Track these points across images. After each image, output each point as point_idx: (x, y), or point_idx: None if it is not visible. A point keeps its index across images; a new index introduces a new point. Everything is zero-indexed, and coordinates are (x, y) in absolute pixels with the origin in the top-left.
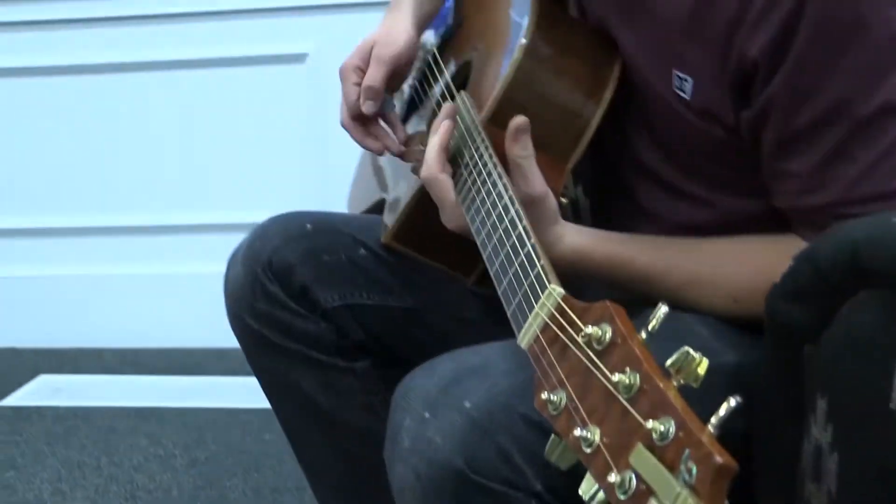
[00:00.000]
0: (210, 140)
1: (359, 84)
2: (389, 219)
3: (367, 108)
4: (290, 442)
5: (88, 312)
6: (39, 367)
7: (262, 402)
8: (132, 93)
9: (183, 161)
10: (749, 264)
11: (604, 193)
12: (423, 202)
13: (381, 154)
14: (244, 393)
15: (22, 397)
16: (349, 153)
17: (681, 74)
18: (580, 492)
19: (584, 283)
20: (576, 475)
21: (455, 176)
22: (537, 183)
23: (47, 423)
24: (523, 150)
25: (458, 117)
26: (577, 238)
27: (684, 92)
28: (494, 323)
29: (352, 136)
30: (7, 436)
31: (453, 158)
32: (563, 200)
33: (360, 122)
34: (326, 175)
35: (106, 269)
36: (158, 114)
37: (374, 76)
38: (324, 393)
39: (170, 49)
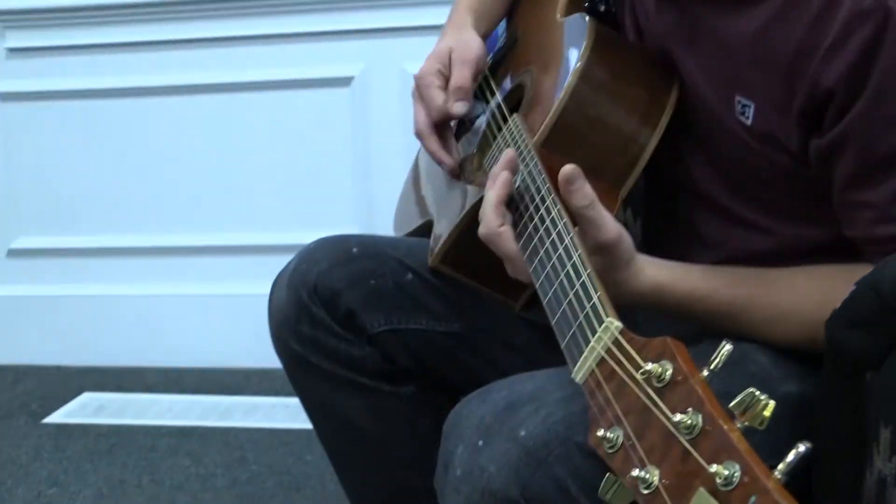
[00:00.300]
0: (255, 162)
1: (443, 88)
2: (437, 241)
3: (459, 108)
4: (334, 465)
5: (132, 332)
6: (84, 385)
7: (304, 422)
8: (178, 115)
9: (228, 182)
10: (829, 298)
11: (658, 220)
12: (471, 226)
13: (449, 169)
14: (286, 413)
15: (66, 414)
16: (393, 176)
17: (743, 100)
18: None
19: (634, 314)
20: None
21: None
22: (610, 227)
23: (90, 440)
24: (584, 200)
25: (511, 141)
26: (656, 271)
27: (746, 117)
28: (544, 349)
29: (426, 145)
30: (51, 453)
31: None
32: None
33: (437, 132)
34: (371, 198)
35: (151, 288)
36: (205, 136)
37: (464, 76)
38: (368, 418)
39: (217, 72)
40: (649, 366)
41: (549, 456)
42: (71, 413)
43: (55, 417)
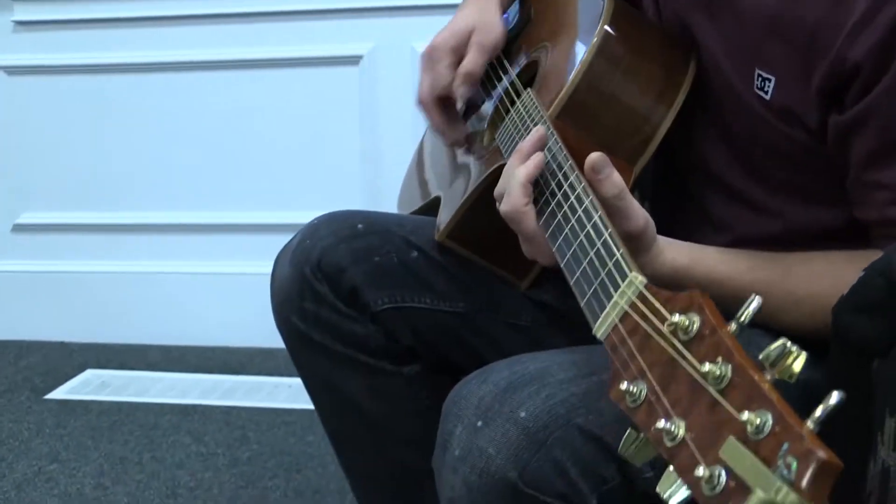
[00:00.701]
0: (262, 140)
1: (453, 67)
2: (444, 217)
3: (463, 92)
4: (333, 444)
5: (136, 309)
6: (87, 362)
7: (306, 403)
8: (185, 92)
9: (233, 160)
10: (844, 283)
11: (668, 202)
12: (481, 200)
13: (451, 142)
14: (288, 393)
15: (68, 391)
16: (401, 156)
17: (763, 73)
18: (658, 490)
19: None
20: (635, 494)
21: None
22: (639, 216)
23: (92, 417)
24: (613, 189)
25: (527, 117)
26: (675, 255)
27: (765, 91)
28: (548, 330)
29: (430, 116)
30: (52, 428)
31: None
32: None
33: (441, 106)
34: (377, 178)
35: (154, 266)
36: (212, 112)
37: (476, 62)
38: (369, 397)
39: (226, 49)
40: (676, 318)
41: (549, 438)
42: (73, 389)
43: (58, 393)
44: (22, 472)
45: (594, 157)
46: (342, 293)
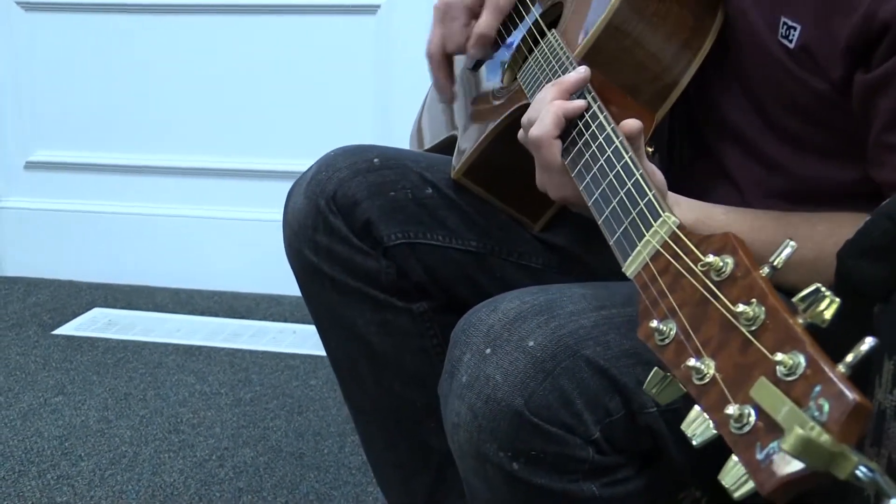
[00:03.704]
0: (276, 87)
1: (467, 26)
2: (461, 154)
3: (475, 53)
4: (338, 377)
5: (145, 251)
6: (95, 301)
7: (309, 348)
8: (201, 35)
9: (246, 106)
10: None
11: (683, 152)
12: (500, 139)
13: (447, 101)
14: (293, 339)
15: (76, 327)
16: (415, 107)
17: (789, 21)
18: (682, 426)
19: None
20: (637, 428)
21: None
22: (652, 177)
23: (98, 353)
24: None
25: (552, 57)
26: (681, 213)
27: (789, 40)
28: (558, 273)
29: (435, 71)
30: (59, 363)
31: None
32: (649, 150)
33: (448, 61)
34: (391, 129)
35: (165, 209)
36: (226, 57)
37: (490, 24)
38: (377, 331)
39: None
40: (710, 258)
41: (556, 368)
42: (81, 326)
43: (65, 330)
44: (28, 403)
45: (633, 124)
46: (355, 226)
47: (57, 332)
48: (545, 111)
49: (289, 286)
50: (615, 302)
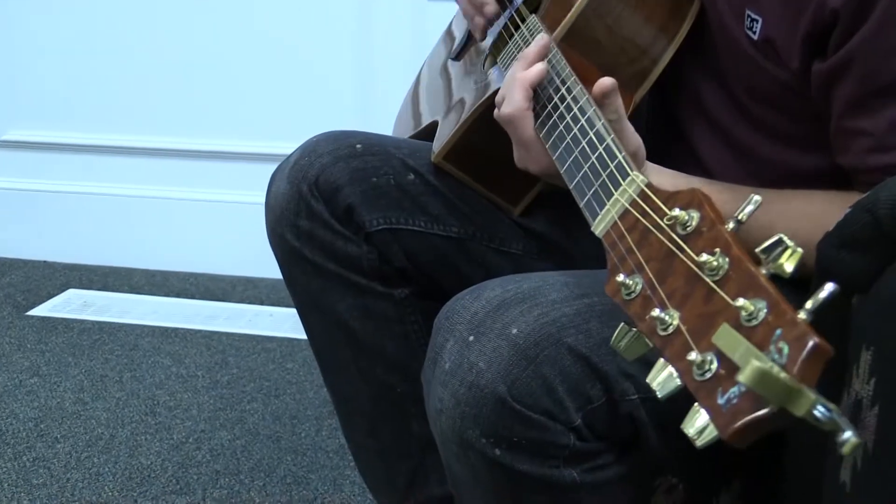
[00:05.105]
0: (254, 66)
1: None
2: (442, 138)
3: None
4: (320, 364)
5: (121, 232)
6: (69, 282)
7: (286, 331)
8: (177, 12)
9: (223, 86)
10: (823, 222)
11: (659, 136)
12: (479, 122)
13: (476, 31)
14: (270, 322)
15: (50, 309)
16: (396, 87)
17: (752, 14)
18: (647, 379)
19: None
20: (618, 416)
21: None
22: (632, 140)
23: (73, 335)
24: (613, 114)
25: (530, 38)
26: (660, 181)
27: (753, 32)
28: (538, 258)
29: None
30: (34, 344)
31: None
32: None
33: None
34: (371, 109)
35: (142, 190)
36: (203, 35)
37: None
38: (359, 317)
39: None
40: (676, 212)
41: (538, 355)
42: (56, 308)
43: (40, 311)
44: (2, 384)
45: (606, 81)
46: (337, 212)
47: (31, 313)
48: (512, 86)
49: (265, 269)
50: (597, 290)
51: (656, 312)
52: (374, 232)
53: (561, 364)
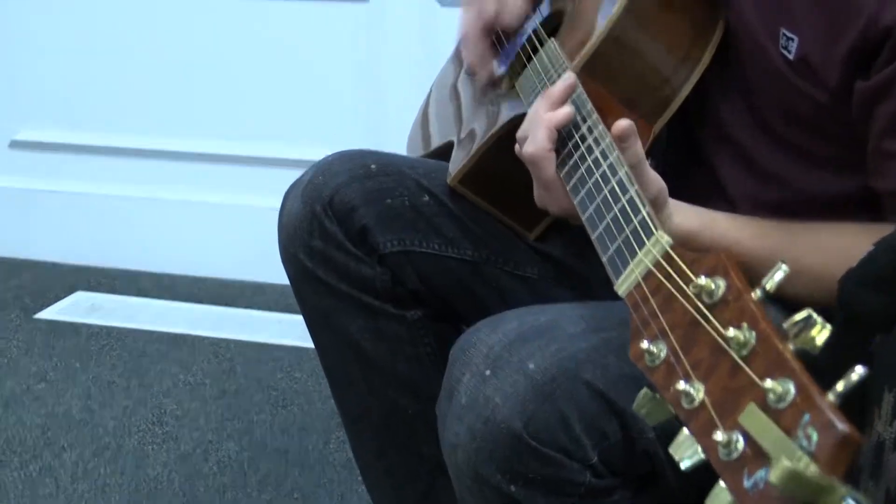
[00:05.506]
0: (263, 72)
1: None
2: (458, 161)
3: (510, 16)
4: (330, 383)
5: (129, 234)
6: (77, 284)
7: (295, 339)
8: (190, 16)
9: (233, 90)
10: (853, 256)
11: (678, 161)
12: (497, 147)
13: (483, 80)
14: (279, 329)
15: (58, 312)
16: (405, 99)
17: (788, 32)
18: (670, 449)
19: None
20: (635, 453)
21: None
22: (653, 183)
23: (81, 340)
24: (633, 159)
25: (550, 66)
26: (683, 218)
27: (789, 51)
28: (554, 283)
29: (468, 51)
30: (41, 348)
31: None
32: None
33: (485, 37)
34: (379, 120)
35: (151, 192)
36: (215, 40)
37: None
38: (371, 338)
39: None
40: (701, 280)
41: (556, 391)
42: (63, 311)
43: (47, 314)
44: (10, 390)
45: (623, 124)
46: (351, 233)
47: (39, 315)
48: (536, 126)
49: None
50: (614, 324)
51: (682, 385)
52: (388, 254)
53: (578, 400)
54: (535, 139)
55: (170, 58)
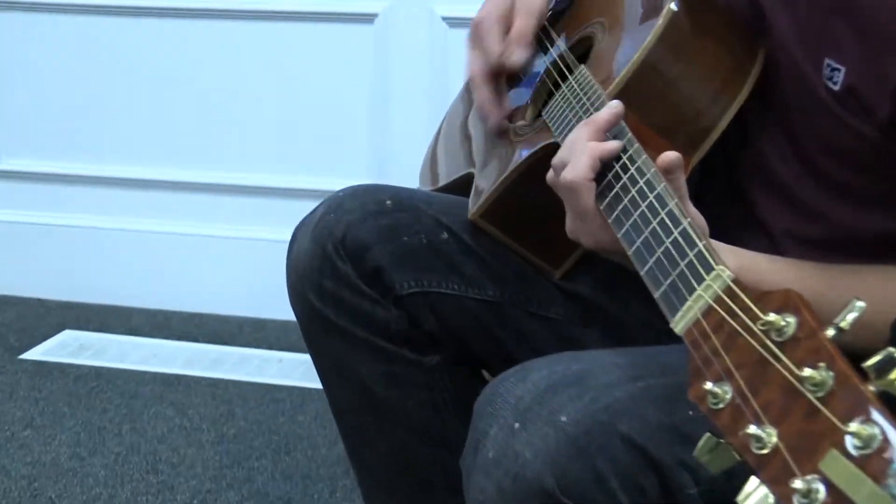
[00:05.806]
0: (265, 97)
1: (503, 36)
2: (480, 194)
3: (518, 58)
4: (340, 429)
5: (120, 268)
6: (65, 322)
7: (296, 379)
8: (187, 41)
9: (232, 117)
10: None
11: (713, 197)
12: (522, 179)
13: (493, 124)
14: (279, 368)
15: (45, 352)
16: (413, 122)
17: (833, 63)
18: (738, 499)
19: None
20: None
21: None
22: (696, 221)
23: (69, 381)
24: (678, 192)
25: (582, 94)
26: (724, 259)
27: (834, 82)
28: (580, 325)
29: (478, 95)
30: (27, 391)
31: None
32: None
33: (491, 83)
34: (387, 144)
35: (143, 224)
36: (214, 64)
37: (527, 24)
38: (385, 384)
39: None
40: (770, 317)
41: (590, 445)
42: (50, 351)
43: (33, 354)
44: None
45: (671, 156)
46: (365, 273)
47: (24, 356)
48: (579, 153)
49: (273, 310)
50: (652, 371)
51: (752, 429)
52: (405, 295)
53: (613, 454)
54: (576, 166)
55: (163, 85)
